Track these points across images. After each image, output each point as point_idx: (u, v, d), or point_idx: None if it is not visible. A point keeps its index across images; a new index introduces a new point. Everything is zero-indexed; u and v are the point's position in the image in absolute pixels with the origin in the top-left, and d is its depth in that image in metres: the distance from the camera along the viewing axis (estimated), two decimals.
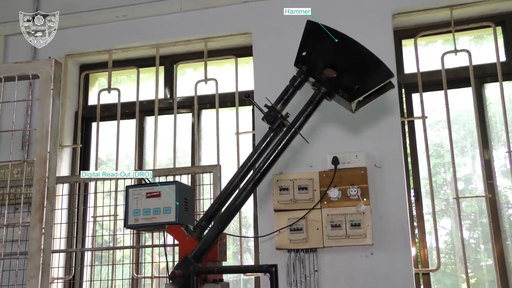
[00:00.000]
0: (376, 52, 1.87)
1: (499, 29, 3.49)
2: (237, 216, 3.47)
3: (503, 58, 3.44)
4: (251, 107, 3.76)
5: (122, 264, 3.52)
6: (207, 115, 3.92)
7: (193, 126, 3.86)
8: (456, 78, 3.47)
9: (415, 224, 3.36)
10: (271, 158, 1.94)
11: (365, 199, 3.08)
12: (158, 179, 3.29)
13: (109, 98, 4.01)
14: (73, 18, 3.95)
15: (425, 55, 3.63)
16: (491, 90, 3.50)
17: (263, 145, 2.06)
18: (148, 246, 3.48)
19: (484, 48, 3.64)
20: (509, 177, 3.28)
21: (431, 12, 3.49)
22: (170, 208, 2.06)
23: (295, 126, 1.93)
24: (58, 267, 3.58)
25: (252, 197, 3.55)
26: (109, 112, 3.98)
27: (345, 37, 1.91)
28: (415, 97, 3.52)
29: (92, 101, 4.16)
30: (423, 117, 3.38)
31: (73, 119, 4.06)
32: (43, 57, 3.76)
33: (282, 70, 2.38)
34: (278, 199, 3.21)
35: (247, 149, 3.56)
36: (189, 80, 3.99)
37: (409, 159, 3.46)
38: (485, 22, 3.49)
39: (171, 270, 1.90)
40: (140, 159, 3.90)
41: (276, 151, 1.94)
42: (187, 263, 1.88)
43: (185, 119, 3.94)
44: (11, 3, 4.10)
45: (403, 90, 3.57)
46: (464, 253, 3.16)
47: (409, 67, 3.59)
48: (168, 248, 3.09)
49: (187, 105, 3.92)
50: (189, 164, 3.76)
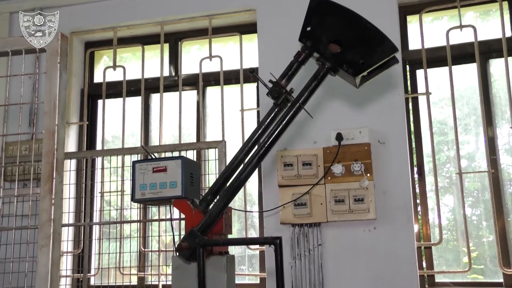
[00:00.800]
0: (380, 28, 1.88)
1: (505, 4, 3.45)
2: (242, 193, 3.52)
3: (508, 33, 3.42)
4: (255, 84, 3.77)
5: (130, 237, 3.59)
6: (212, 92, 3.94)
7: (198, 104, 3.88)
8: (461, 54, 3.45)
9: (418, 201, 3.39)
10: (276, 133, 1.97)
11: (368, 174, 3.11)
12: (164, 155, 3.32)
13: (114, 76, 4.02)
14: None
15: (430, 32, 3.61)
16: (496, 66, 3.49)
17: (268, 120, 2.07)
18: (155, 220, 3.53)
19: (490, 24, 3.62)
20: None
21: None
22: (176, 182, 2.09)
23: (299, 101, 1.95)
24: (68, 240, 3.65)
25: (256, 173, 3.59)
26: (114, 90, 4.00)
27: (349, 12, 1.91)
28: (419, 73, 3.52)
29: (98, 78, 4.17)
30: (427, 93, 3.38)
31: (79, 96, 4.09)
32: None
33: (286, 47, 2.38)
34: (282, 175, 3.24)
35: (251, 126, 3.59)
36: (194, 58, 4.00)
37: (412, 136, 3.47)
38: None
39: (177, 244, 1.94)
40: (146, 136, 3.94)
41: (281, 126, 1.96)
42: (193, 235, 1.92)
43: (190, 96, 3.96)
44: None
45: (408, 66, 3.56)
46: (466, 227, 3.19)
47: (414, 44, 3.58)
48: (174, 223, 3.14)
49: (192, 82, 3.94)
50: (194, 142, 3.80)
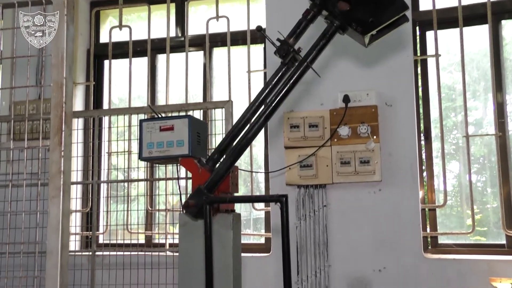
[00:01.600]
0: None
1: None
2: (248, 155, 3.54)
3: None
4: (262, 45, 3.73)
5: (137, 195, 3.65)
6: (219, 53, 3.90)
7: (204, 65, 3.86)
8: (472, 15, 3.38)
9: (423, 167, 3.40)
10: (283, 92, 1.95)
11: (375, 136, 3.11)
12: (171, 115, 3.33)
13: (120, 36, 3.99)
14: None
15: None
16: (508, 29, 3.42)
17: (275, 79, 2.06)
18: (162, 179, 3.57)
19: None
20: None
21: None
22: (183, 141, 2.10)
23: (307, 60, 1.93)
24: (76, 198, 3.72)
25: (263, 135, 3.60)
26: (121, 50, 3.98)
27: None
28: (429, 35, 3.46)
29: (104, 39, 4.14)
30: (437, 55, 3.34)
31: (85, 56, 4.07)
32: None
33: (294, 5, 2.34)
34: (288, 137, 3.25)
35: (258, 87, 3.57)
36: (201, 18, 3.94)
37: (420, 101, 3.44)
38: None
39: (184, 201, 1.96)
40: (152, 97, 3.94)
41: (288, 85, 1.95)
42: (200, 193, 1.94)
43: (196, 57, 3.93)
44: None
45: (417, 27, 3.50)
46: (471, 190, 3.21)
47: (425, 4, 3.51)
48: (181, 182, 3.17)
49: (198, 43, 3.90)
50: None
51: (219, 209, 2.01)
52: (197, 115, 3.34)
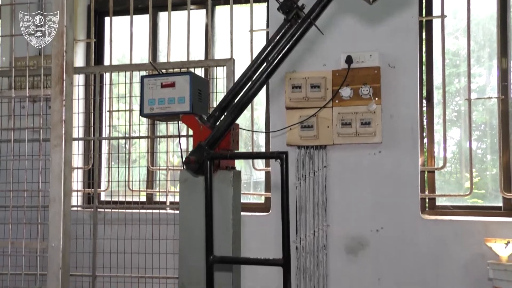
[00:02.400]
0: None
1: None
2: (249, 114, 3.53)
3: None
4: (265, 3, 3.67)
5: (138, 152, 3.66)
6: (221, 12, 3.84)
7: (206, 24, 3.80)
8: None
9: (424, 134, 3.40)
10: (285, 49, 1.93)
11: (376, 98, 3.10)
12: (172, 71, 3.31)
13: None
14: None
15: None
16: None
17: (278, 37, 2.04)
18: (163, 137, 3.58)
19: None
20: None
21: None
22: (185, 98, 2.09)
23: (310, 16, 1.90)
24: (78, 154, 3.74)
25: (264, 95, 3.59)
26: (122, 7, 3.91)
27: None
28: None
29: None
30: (442, 16, 3.28)
31: (85, 13, 4.01)
32: None
33: None
34: (290, 97, 3.24)
35: (260, 47, 3.52)
36: None
37: (424, 66, 3.41)
38: None
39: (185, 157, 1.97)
40: (153, 55, 3.90)
41: (290, 43, 1.93)
42: (201, 149, 1.95)
43: (198, 16, 3.87)
44: None
45: None
46: (470, 154, 3.22)
47: None
48: (182, 139, 3.18)
49: (200, 0, 3.83)
50: None
51: (219, 165, 2.03)
52: (199, 73, 3.32)
